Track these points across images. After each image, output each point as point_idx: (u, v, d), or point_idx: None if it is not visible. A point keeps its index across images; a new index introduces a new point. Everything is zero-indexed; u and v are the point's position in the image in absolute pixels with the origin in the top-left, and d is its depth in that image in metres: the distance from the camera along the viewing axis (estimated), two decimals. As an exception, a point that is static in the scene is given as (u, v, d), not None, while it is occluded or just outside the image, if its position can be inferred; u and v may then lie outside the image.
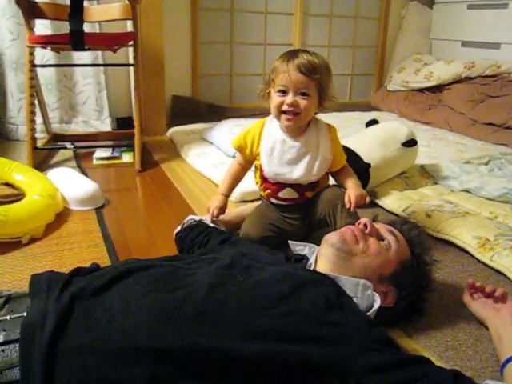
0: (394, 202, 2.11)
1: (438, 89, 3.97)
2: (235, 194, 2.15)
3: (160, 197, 2.27)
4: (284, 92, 1.44)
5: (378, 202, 2.17)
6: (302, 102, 1.44)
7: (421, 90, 4.10)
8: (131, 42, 2.66)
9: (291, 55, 1.44)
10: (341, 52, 4.48)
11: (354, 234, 1.22)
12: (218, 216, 1.67)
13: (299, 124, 1.50)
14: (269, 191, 1.63)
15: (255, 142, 1.58)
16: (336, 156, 1.59)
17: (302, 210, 1.63)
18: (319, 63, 1.42)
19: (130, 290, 0.99)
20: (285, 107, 1.45)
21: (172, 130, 3.36)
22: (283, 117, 1.48)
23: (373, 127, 2.45)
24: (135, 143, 2.68)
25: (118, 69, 3.52)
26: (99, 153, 2.88)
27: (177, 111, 3.77)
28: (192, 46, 3.82)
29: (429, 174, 2.45)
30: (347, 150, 2.17)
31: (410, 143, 2.30)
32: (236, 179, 1.72)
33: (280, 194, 1.61)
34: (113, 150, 2.96)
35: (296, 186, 1.58)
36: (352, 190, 1.54)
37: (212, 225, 1.65)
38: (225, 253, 1.23)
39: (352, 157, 2.13)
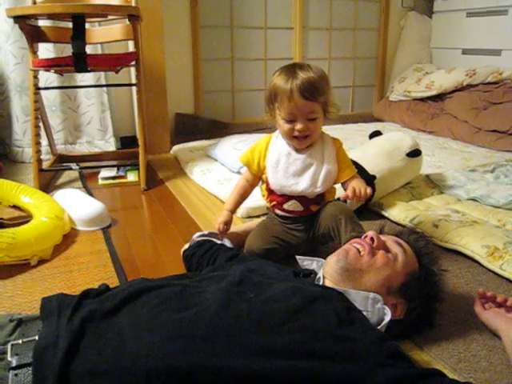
0: (400, 212, 2.11)
1: (440, 97, 3.98)
2: (242, 210, 2.16)
3: (166, 215, 2.28)
4: (292, 121, 1.49)
5: (385, 213, 2.17)
6: (312, 126, 1.50)
7: (423, 100, 4.12)
8: (133, 62, 2.68)
9: (289, 75, 1.46)
10: (341, 64, 4.52)
11: (358, 250, 1.23)
12: (223, 230, 1.69)
13: (309, 143, 1.55)
14: (274, 202, 1.66)
15: (262, 156, 1.63)
16: (343, 167, 1.61)
17: (306, 222, 1.65)
18: (318, 79, 1.45)
19: (140, 312, 0.99)
20: (296, 133, 1.51)
21: (176, 147, 3.39)
22: (295, 141, 1.54)
23: (376, 139, 2.46)
24: (140, 162, 2.70)
25: (121, 89, 3.57)
26: (104, 173, 2.90)
27: (180, 129, 3.80)
28: (193, 64, 3.86)
29: (434, 184, 2.45)
30: (352, 162, 2.18)
31: (415, 153, 2.31)
32: (242, 195, 1.74)
33: (285, 206, 1.64)
34: (118, 169, 2.98)
35: (301, 198, 1.61)
36: (351, 184, 1.55)
37: (219, 241, 1.65)
38: (234, 269, 1.24)
39: (357, 169, 2.13)
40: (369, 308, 1.15)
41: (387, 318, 1.14)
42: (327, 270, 1.23)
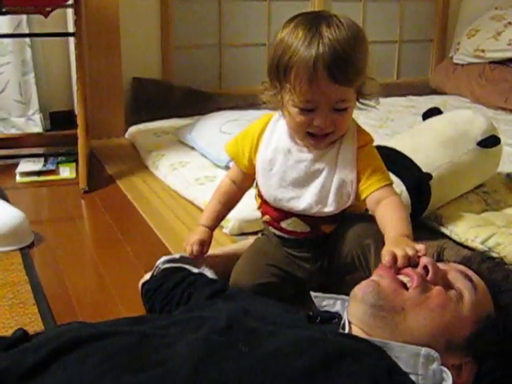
0: (467, 230, 2.10)
1: (528, 60, 4.00)
2: (231, 223, 2.16)
3: (117, 229, 2.28)
4: (310, 110, 1.44)
5: (445, 230, 2.17)
6: (339, 119, 1.46)
7: (503, 63, 4.11)
8: (70, 1, 2.68)
9: (312, 33, 1.39)
10: (382, 8, 4.53)
11: (394, 277, 1.22)
12: (199, 254, 1.67)
13: (330, 143, 1.53)
14: (268, 218, 1.65)
15: (254, 147, 1.60)
16: (365, 175, 1.54)
17: (316, 248, 1.63)
18: (355, 46, 1.40)
19: (74, 372, 0.99)
20: (313, 130, 1.47)
21: (133, 128, 3.39)
22: (309, 139, 1.50)
23: (433, 120, 2.45)
24: (78, 150, 2.69)
25: (53, 42, 3.54)
26: (25, 165, 2.89)
27: (140, 101, 3.80)
28: (161, 5, 3.86)
29: (520, 187, 2.46)
30: (396, 154, 2.19)
31: (491, 142, 2.31)
32: (226, 204, 1.72)
33: (283, 225, 1.62)
34: (45, 160, 2.96)
35: (307, 216, 1.59)
36: (390, 244, 1.34)
37: (196, 270, 1.65)
38: (219, 310, 1.23)
39: (403, 165, 2.14)
40: (419, 370, 1.14)
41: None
42: (352, 312, 1.22)
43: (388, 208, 1.50)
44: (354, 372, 1.02)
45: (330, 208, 1.55)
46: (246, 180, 1.68)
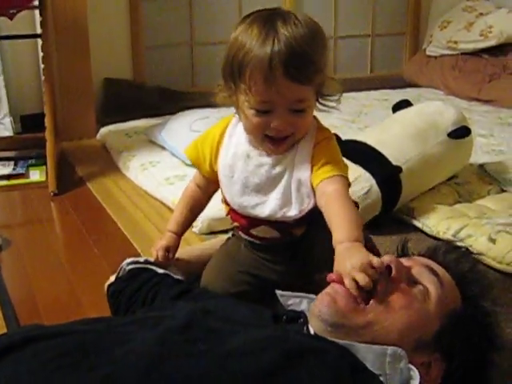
0: (440, 222, 2.10)
1: (500, 51, 4.01)
2: (200, 222, 2.14)
3: (86, 232, 2.26)
4: (266, 111, 1.37)
5: (417, 223, 2.17)
6: (298, 121, 1.40)
7: (476, 54, 4.13)
8: (36, 2, 2.66)
9: (267, 30, 1.33)
10: (354, 2, 4.53)
11: (350, 293, 1.15)
12: (165, 259, 1.64)
13: (289, 146, 1.46)
14: (237, 225, 1.61)
15: (214, 152, 1.54)
16: (315, 169, 1.45)
17: (287, 251, 1.60)
18: (313, 42, 1.34)
19: (24, 368, 0.98)
20: (271, 132, 1.40)
21: (104, 130, 3.36)
22: (267, 143, 1.43)
23: (403, 112, 2.45)
24: (47, 152, 2.68)
25: (22, 44, 3.51)
26: (-6, 170, 2.87)
27: (113, 102, 3.77)
28: (131, 4, 3.84)
29: (492, 178, 2.46)
30: (365, 148, 2.18)
31: (461, 133, 2.31)
32: (192, 209, 1.68)
33: (253, 232, 1.58)
34: (15, 164, 2.95)
35: (275, 222, 1.52)
36: (342, 256, 1.25)
37: (161, 271, 1.62)
38: (179, 309, 1.21)
39: (373, 158, 2.14)
40: (387, 370, 1.12)
41: (415, 382, 1.12)
42: (313, 325, 1.20)
43: (332, 202, 1.39)
44: (315, 370, 1.01)
45: (293, 211, 1.48)
46: (210, 184, 1.63)
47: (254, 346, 1.05)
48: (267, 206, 1.48)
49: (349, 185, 1.45)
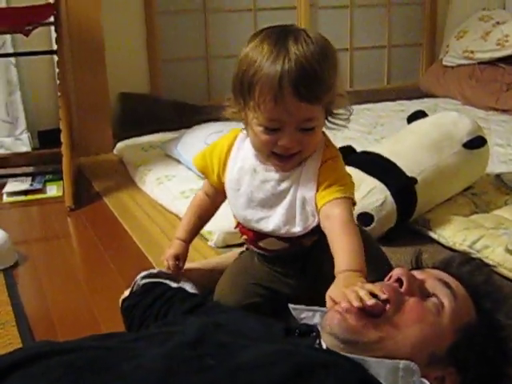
0: (456, 233, 2.08)
1: (518, 59, 3.99)
2: (217, 236, 2.14)
3: (102, 247, 2.26)
4: (275, 129, 1.37)
5: (433, 234, 2.15)
6: (306, 139, 1.39)
7: (493, 63, 4.11)
8: (51, 19, 2.68)
9: (278, 48, 1.32)
10: (370, 14, 4.53)
11: (359, 311, 1.13)
12: (174, 268, 1.65)
13: (297, 163, 1.46)
14: (245, 237, 1.62)
15: (222, 163, 1.55)
16: (321, 189, 1.45)
17: (298, 262, 1.59)
18: (323, 61, 1.33)
19: (35, 383, 0.98)
20: (278, 150, 1.40)
21: (121, 144, 3.38)
22: (274, 159, 1.44)
23: (418, 123, 2.44)
24: (63, 167, 2.69)
25: (38, 60, 3.51)
26: (12, 185, 2.89)
27: (129, 116, 3.78)
28: (146, 19, 3.87)
29: (509, 188, 2.43)
30: (380, 159, 2.17)
31: (477, 143, 2.29)
32: (200, 216, 1.69)
33: (261, 244, 1.58)
34: (32, 179, 2.96)
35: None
36: (340, 283, 1.27)
37: (176, 285, 1.62)
38: (190, 324, 1.21)
39: (387, 170, 2.13)
40: (399, 384, 1.12)
41: (427, 397, 1.11)
42: (326, 341, 1.19)
43: (335, 228, 1.39)
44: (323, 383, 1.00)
45: (297, 228, 1.48)
46: (218, 194, 1.63)
47: (265, 360, 1.05)
48: (271, 222, 1.49)
49: (354, 204, 1.46)
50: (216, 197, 1.65)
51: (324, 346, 1.20)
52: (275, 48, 1.32)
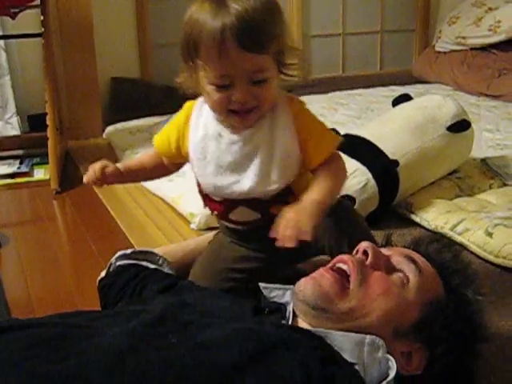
0: (438, 216, 2.09)
1: (510, 45, 3.96)
2: (199, 218, 2.14)
3: (85, 229, 2.27)
4: (226, 86, 1.36)
5: (415, 217, 2.16)
6: (260, 92, 1.38)
7: (485, 49, 4.10)
8: (38, 1, 2.67)
9: (217, 4, 1.32)
10: (363, -1, 4.52)
11: (336, 279, 1.18)
12: (96, 178, 1.54)
13: (257, 119, 1.44)
14: (216, 213, 1.61)
15: (181, 137, 1.53)
16: (311, 141, 1.47)
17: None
18: (264, 11, 1.33)
19: None
20: (234, 106, 1.38)
21: (111, 128, 3.38)
22: (233, 117, 1.42)
23: (403, 106, 2.44)
24: (49, 150, 2.69)
25: (28, 43, 3.50)
26: (0, 168, 2.90)
27: (120, 101, 3.78)
28: (137, 3, 3.85)
29: (494, 172, 2.43)
30: (362, 142, 2.17)
31: (460, 126, 2.29)
32: (145, 166, 1.64)
33: (232, 217, 1.56)
34: (21, 162, 2.98)
35: (253, 201, 1.51)
36: (292, 209, 1.34)
37: (153, 266, 1.62)
38: (156, 303, 1.21)
39: (369, 153, 2.13)
40: (365, 359, 1.12)
41: (392, 373, 1.11)
42: (296, 308, 1.20)
43: (324, 174, 1.45)
44: (285, 362, 1.01)
45: (274, 185, 1.47)
46: (173, 165, 1.63)
47: (227, 339, 1.05)
48: (245, 183, 1.47)
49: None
50: (171, 166, 1.63)
51: (290, 323, 1.21)
52: (216, 5, 1.32)
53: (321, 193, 1.38)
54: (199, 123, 1.50)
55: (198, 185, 1.58)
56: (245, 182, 1.47)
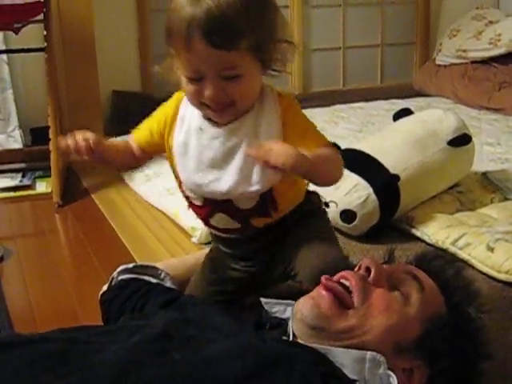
0: (439, 231, 2.08)
1: (510, 59, 3.97)
2: (200, 232, 2.14)
3: (87, 243, 2.27)
4: (199, 79, 1.30)
5: (416, 232, 2.14)
6: (233, 89, 1.31)
7: (486, 62, 4.11)
8: (40, 16, 2.68)
9: (191, 0, 1.25)
10: (363, 12, 4.54)
11: (334, 300, 1.17)
12: (80, 148, 1.47)
13: (236, 115, 1.38)
14: (199, 216, 1.55)
15: (167, 129, 1.48)
16: (297, 139, 1.36)
17: (251, 249, 1.54)
18: (237, 4, 1.25)
19: None
20: (207, 101, 1.32)
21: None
22: (207, 111, 1.36)
23: (403, 120, 2.44)
24: (51, 164, 2.70)
25: (31, 57, 3.51)
26: (2, 181, 2.90)
27: (120, 114, 3.78)
28: (139, 16, 3.88)
29: (495, 186, 2.43)
30: (362, 156, 2.18)
31: (461, 140, 2.29)
32: (119, 149, 1.61)
33: (212, 222, 1.51)
34: (23, 175, 2.98)
35: (230, 208, 1.46)
36: (281, 143, 1.29)
37: (155, 280, 1.63)
38: (158, 318, 1.21)
39: (370, 167, 2.13)
40: (366, 375, 1.12)
41: (393, 389, 1.12)
42: (295, 328, 1.20)
43: (319, 150, 1.36)
44: (286, 377, 1.00)
45: (256, 186, 1.39)
46: (141, 157, 1.58)
47: (229, 354, 1.05)
48: (224, 182, 1.40)
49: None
50: (141, 155, 1.58)
51: (291, 338, 1.21)
52: None
53: (312, 154, 1.29)
54: (186, 116, 1.45)
55: (180, 185, 1.51)
56: (225, 180, 1.40)
